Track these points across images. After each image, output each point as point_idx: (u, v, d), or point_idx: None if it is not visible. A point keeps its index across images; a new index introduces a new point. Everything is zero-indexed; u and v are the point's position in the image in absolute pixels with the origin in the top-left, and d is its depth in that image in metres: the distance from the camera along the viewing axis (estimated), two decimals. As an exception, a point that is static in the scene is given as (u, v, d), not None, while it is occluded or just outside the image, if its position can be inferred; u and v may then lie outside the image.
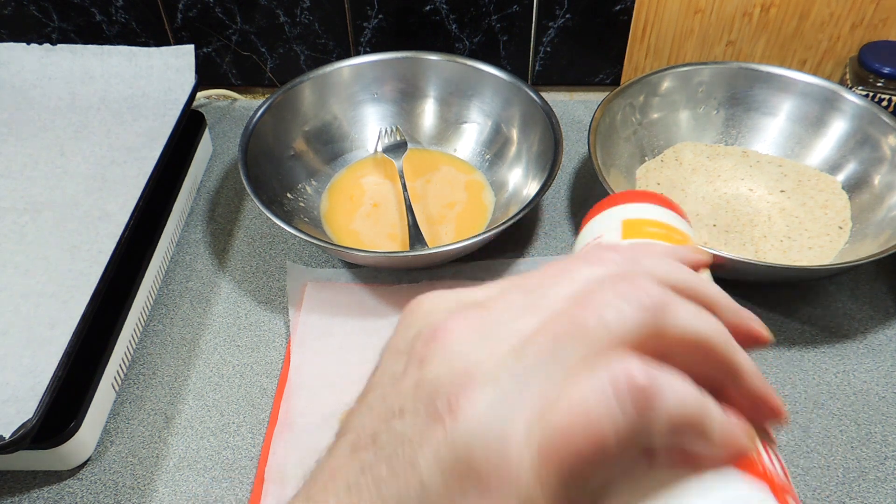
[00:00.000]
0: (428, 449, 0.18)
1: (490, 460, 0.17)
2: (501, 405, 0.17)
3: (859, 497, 0.50)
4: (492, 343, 0.19)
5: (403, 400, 0.19)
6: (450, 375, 0.18)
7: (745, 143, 0.73)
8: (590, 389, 0.17)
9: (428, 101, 0.75)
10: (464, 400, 0.18)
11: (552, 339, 0.18)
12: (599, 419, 0.17)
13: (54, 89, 0.72)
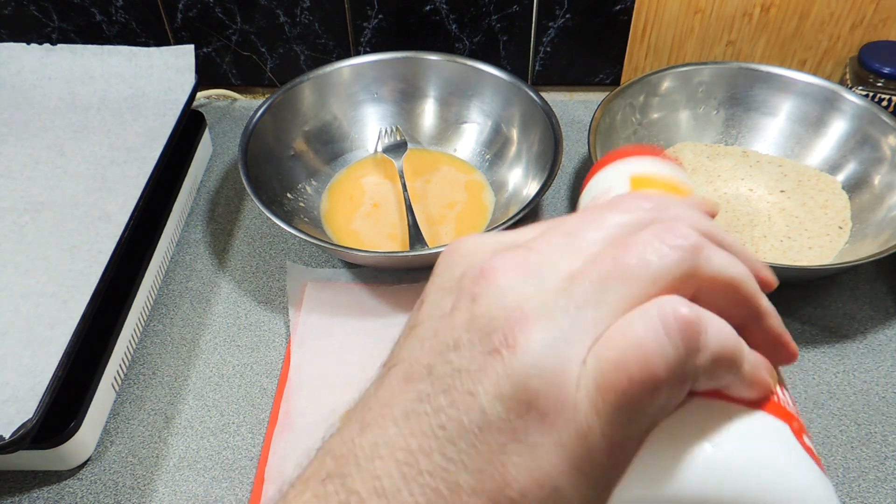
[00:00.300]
0: (487, 380, 0.18)
1: (549, 392, 0.18)
2: (557, 340, 0.18)
3: (859, 497, 0.50)
4: (539, 281, 0.19)
5: (458, 334, 0.19)
6: (503, 310, 0.19)
7: (745, 143, 0.73)
8: (642, 324, 0.18)
9: (428, 101, 0.75)
10: (520, 334, 0.18)
11: (598, 279, 0.19)
12: (652, 351, 0.18)
13: (54, 89, 0.72)
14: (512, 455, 0.18)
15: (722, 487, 0.19)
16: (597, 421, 0.18)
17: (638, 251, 0.19)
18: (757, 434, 0.20)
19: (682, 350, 0.18)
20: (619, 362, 0.18)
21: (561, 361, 0.18)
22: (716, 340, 0.19)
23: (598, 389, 0.18)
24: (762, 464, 0.20)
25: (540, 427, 0.18)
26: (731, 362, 0.19)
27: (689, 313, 0.18)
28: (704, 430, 0.20)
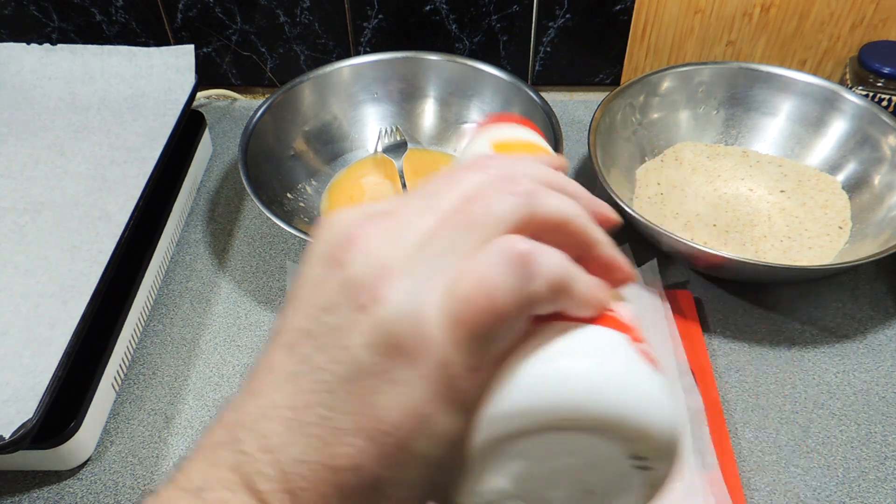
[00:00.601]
0: (357, 333, 0.21)
1: (411, 334, 0.20)
2: (415, 289, 0.21)
3: (859, 497, 0.50)
4: (401, 241, 0.22)
5: (330, 297, 0.22)
6: (369, 270, 0.21)
7: (745, 143, 0.73)
8: (485, 262, 0.21)
9: (428, 101, 0.75)
10: (383, 289, 0.21)
11: (450, 231, 0.22)
12: (495, 283, 0.20)
13: (54, 89, 0.72)
14: (384, 394, 0.20)
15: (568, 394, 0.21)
16: (454, 351, 0.20)
17: (482, 202, 0.22)
18: (595, 344, 0.23)
19: (520, 279, 0.21)
20: (467, 297, 0.20)
21: (419, 306, 0.21)
22: (549, 268, 0.21)
23: (452, 324, 0.20)
24: (601, 369, 0.22)
25: (406, 365, 0.20)
26: (565, 286, 0.22)
27: (524, 247, 0.21)
28: (550, 347, 0.22)
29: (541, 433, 0.22)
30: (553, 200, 0.23)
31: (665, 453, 0.22)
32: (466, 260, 0.21)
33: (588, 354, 0.22)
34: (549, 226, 0.23)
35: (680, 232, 0.65)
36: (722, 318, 0.61)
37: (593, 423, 0.21)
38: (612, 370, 0.22)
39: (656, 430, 0.22)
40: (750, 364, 0.58)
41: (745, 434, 0.53)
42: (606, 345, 0.23)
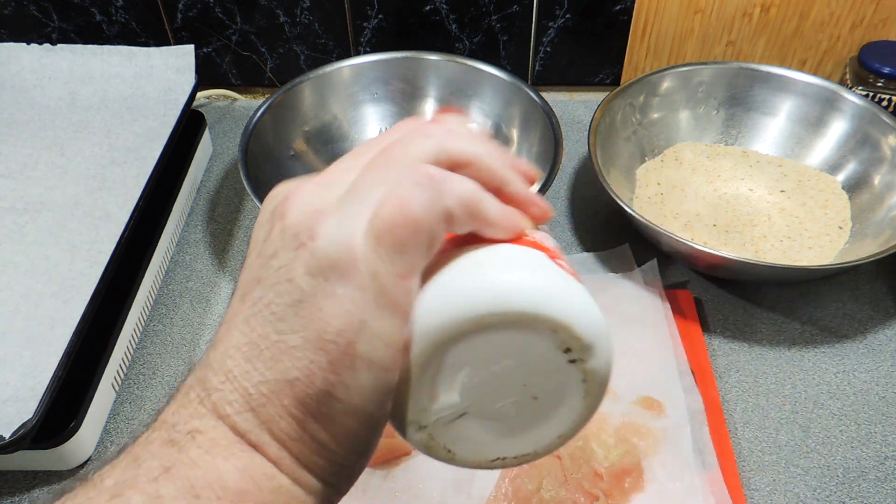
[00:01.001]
0: (299, 266, 0.24)
1: (343, 255, 0.23)
2: (345, 220, 0.24)
3: (859, 497, 0.50)
4: (332, 191, 0.25)
5: (274, 245, 0.25)
6: (305, 215, 0.24)
7: (745, 143, 0.73)
8: (401, 185, 0.24)
9: (428, 101, 0.75)
10: (318, 227, 0.24)
11: (372, 171, 0.25)
12: (409, 200, 0.23)
13: (54, 89, 0.72)
14: (325, 309, 0.23)
15: (491, 292, 0.24)
16: (381, 263, 0.23)
17: (402, 146, 0.25)
18: (512, 253, 0.26)
19: (432, 195, 0.24)
20: (387, 215, 0.23)
21: (349, 233, 0.23)
22: (459, 189, 0.24)
23: (376, 240, 0.23)
24: (519, 269, 0.25)
25: (341, 281, 0.23)
26: (475, 206, 0.25)
27: (435, 171, 0.24)
28: (471, 258, 0.25)
29: (471, 334, 0.24)
30: (463, 144, 0.26)
31: (590, 342, 0.25)
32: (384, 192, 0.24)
33: (507, 260, 0.25)
34: (462, 163, 0.26)
35: (680, 232, 0.65)
36: (722, 318, 0.61)
37: (517, 315, 0.24)
38: (531, 269, 0.25)
39: (576, 318, 0.24)
40: (750, 364, 0.58)
41: (745, 434, 0.53)
42: (524, 255, 0.26)
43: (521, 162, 0.30)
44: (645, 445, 0.51)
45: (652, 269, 0.62)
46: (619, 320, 0.59)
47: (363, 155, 0.26)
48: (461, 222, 0.25)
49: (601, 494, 0.48)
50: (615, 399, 0.53)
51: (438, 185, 0.24)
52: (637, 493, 0.49)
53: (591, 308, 0.25)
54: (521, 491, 0.48)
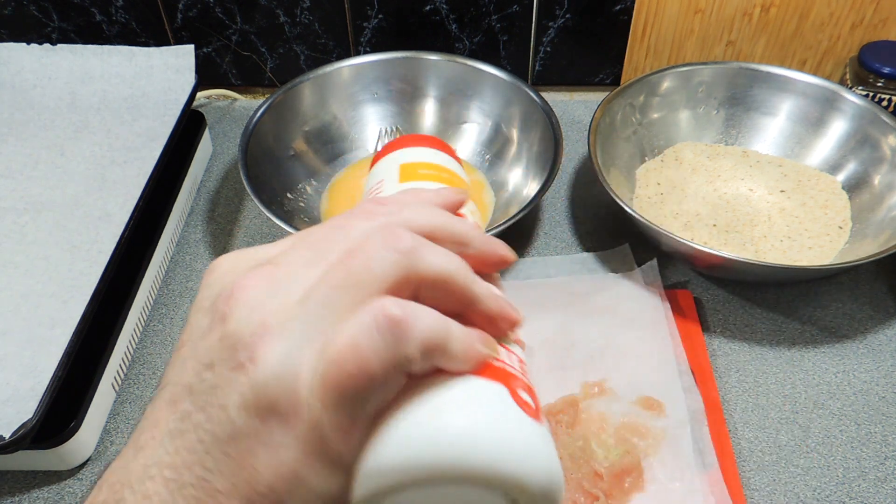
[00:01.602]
0: (234, 393, 0.21)
1: (285, 396, 0.21)
2: (291, 349, 0.21)
3: (859, 497, 0.50)
4: (282, 296, 0.22)
5: (211, 353, 0.22)
6: (248, 328, 0.22)
7: (745, 143, 0.73)
8: (357, 326, 0.21)
9: (428, 101, 0.75)
10: (260, 349, 0.21)
11: (329, 288, 0.22)
12: (365, 348, 0.21)
13: (54, 89, 0.72)
14: (258, 456, 0.21)
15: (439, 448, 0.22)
16: (325, 413, 0.21)
17: (362, 258, 0.22)
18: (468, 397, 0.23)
19: (392, 343, 0.21)
20: (338, 361, 0.21)
21: (294, 368, 0.21)
22: (421, 331, 0.22)
23: (323, 386, 0.21)
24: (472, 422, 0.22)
25: (280, 428, 0.21)
26: (438, 346, 0.22)
27: (397, 311, 0.21)
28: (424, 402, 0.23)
29: (415, 487, 0.22)
30: (435, 258, 0.23)
31: (541, 494, 0.23)
32: (341, 321, 0.22)
33: (460, 408, 0.23)
34: (429, 283, 0.23)
35: (680, 232, 0.65)
36: (722, 318, 0.61)
37: (465, 476, 0.22)
38: (484, 423, 0.22)
39: (530, 479, 0.22)
40: (750, 364, 0.58)
41: (745, 434, 0.53)
42: (480, 398, 0.23)
43: (495, 247, 0.27)
44: (645, 445, 0.51)
45: (652, 269, 0.62)
46: (619, 320, 0.59)
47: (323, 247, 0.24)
48: (420, 364, 0.22)
49: (601, 494, 0.48)
50: (615, 399, 0.53)
51: (400, 330, 0.21)
52: (637, 493, 0.49)
53: (549, 461, 0.23)
54: (521, 491, 0.48)
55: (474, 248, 0.26)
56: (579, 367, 0.56)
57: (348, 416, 0.21)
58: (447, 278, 0.23)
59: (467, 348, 0.23)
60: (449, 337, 0.22)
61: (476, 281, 0.24)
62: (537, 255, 0.66)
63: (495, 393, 0.24)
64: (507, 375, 0.24)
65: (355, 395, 0.21)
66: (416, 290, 0.23)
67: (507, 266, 0.28)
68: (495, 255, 0.27)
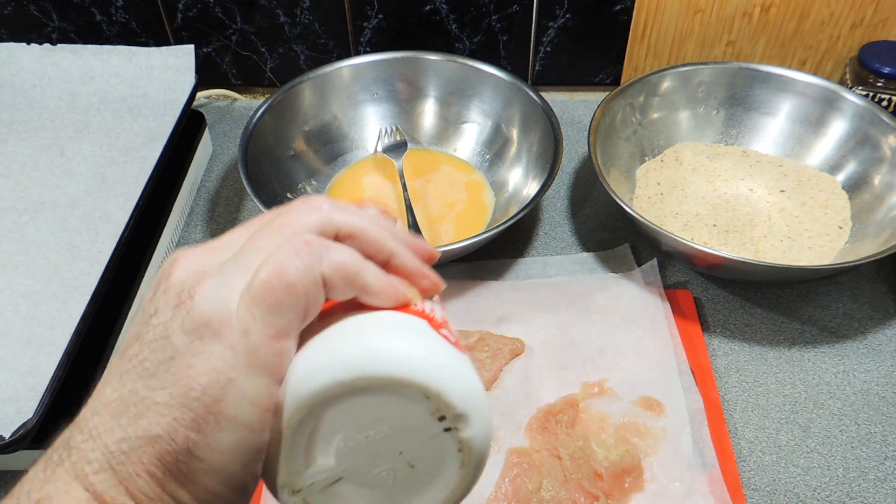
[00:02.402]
0: (175, 323, 0.24)
1: (218, 315, 0.24)
2: (224, 282, 0.24)
3: (859, 497, 0.50)
4: (219, 255, 0.26)
5: (156, 303, 0.25)
6: (188, 275, 0.25)
7: (745, 143, 0.73)
8: (281, 252, 0.24)
9: (428, 101, 0.75)
10: (198, 286, 0.24)
11: (258, 238, 0.25)
12: (285, 264, 0.24)
13: (54, 89, 0.72)
14: (195, 366, 0.23)
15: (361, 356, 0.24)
16: (254, 322, 0.24)
17: (289, 216, 0.26)
18: (390, 324, 0.26)
19: (309, 260, 0.24)
20: (264, 277, 0.24)
21: (225, 294, 0.24)
22: (337, 257, 0.25)
23: (251, 300, 0.24)
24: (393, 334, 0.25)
25: (214, 339, 0.23)
26: (354, 273, 0.25)
27: (315, 239, 0.25)
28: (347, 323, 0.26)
29: (344, 398, 0.24)
30: (348, 215, 0.27)
31: (464, 411, 0.24)
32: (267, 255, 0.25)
33: (383, 326, 0.26)
34: (346, 233, 0.26)
35: (680, 232, 0.65)
36: (722, 318, 0.61)
37: (387, 380, 0.24)
38: (407, 336, 0.25)
39: (450, 386, 0.24)
40: (750, 364, 0.58)
41: (745, 434, 0.53)
42: (404, 322, 0.26)
43: (418, 241, 0.30)
44: (645, 445, 0.51)
45: (652, 269, 0.62)
46: (619, 320, 0.59)
47: (254, 225, 0.27)
48: (339, 289, 0.25)
49: (601, 494, 0.48)
50: (615, 399, 0.53)
51: (316, 251, 0.24)
52: (637, 493, 0.49)
53: (469, 378, 0.25)
54: (521, 491, 0.48)
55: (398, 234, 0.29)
56: (579, 367, 0.56)
57: (274, 323, 0.24)
58: (364, 231, 0.27)
59: (385, 282, 0.26)
60: (366, 269, 0.26)
61: (393, 240, 0.28)
62: (537, 255, 0.66)
63: (419, 323, 0.26)
64: (427, 316, 0.27)
65: (279, 304, 0.24)
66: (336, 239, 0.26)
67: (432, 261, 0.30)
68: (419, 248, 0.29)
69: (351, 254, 0.26)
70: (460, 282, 0.62)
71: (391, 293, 0.27)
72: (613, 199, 0.59)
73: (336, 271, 0.25)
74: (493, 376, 0.55)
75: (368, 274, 0.26)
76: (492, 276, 0.64)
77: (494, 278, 0.64)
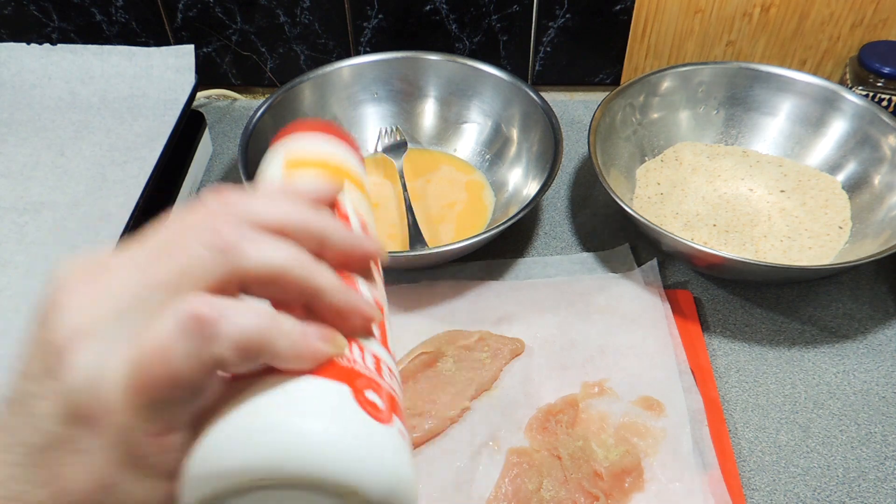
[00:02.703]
0: (45, 401, 0.21)
1: (93, 402, 0.20)
2: (99, 354, 0.20)
3: (859, 497, 0.50)
4: (101, 298, 0.21)
5: (29, 361, 0.22)
6: (62, 332, 0.21)
7: (745, 143, 0.73)
8: (162, 327, 0.20)
9: (428, 101, 0.75)
10: (69, 355, 0.20)
11: (142, 287, 0.21)
12: (169, 349, 0.20)
13: (54, 89, 0.72)
14: (70, 465, 0.20)
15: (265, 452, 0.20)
16: (134, 418, 0.20)
17: (177, 257, 0.21)
18: (302, 397, 0.22)
19: (197, 343, 0.20)
20: (143, 364, 0.20)
21: (102, 372, 0.20)
22: (235, 330, 0.20)
23: (130, 390, 0.20)
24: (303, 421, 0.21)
25: (90, 434, 0.20)
26: (259, 345, 0.21)
27: (204, 310, 0.20)
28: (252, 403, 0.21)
29: (243, 493, 0.21)
30: (262, 252, 0.22)
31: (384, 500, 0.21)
32: (153, 321, 0.21)
33: (290, 407, 0.21)
34: (255, 278, 0.22)
35: (680, 232, 0.65)
36: (722, 318, 0.61)
37: (294, 479, 0.20)
38: (315, 422, 0.21)
39: (366, 484, 0.21)
40: (750, 364, 0.58)
41: (745, 434, 0.53)
42: (314, 398, 0.22)
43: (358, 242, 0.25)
44: (645, 445, 0.51)
45: (652, 269, 0.62)
46: (619, 320, 0.59)
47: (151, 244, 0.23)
48: (240, 366, 0.21)
49: (601, 494, 0.48)
50: (615, 399, 0.53)
51: (207, 330, 0.20)
52: (637, 493, 0.49)
53: (388, 464, 0.22)
54: (521, 491, 0.48)
55: (333, 243, 0.24)
56: (579, 367, 0.56)
57: (158, 420, 0.20)
58: (277, 272, 0.22)
59: (300, 345, 0.22)
60: (273, 335, 0.21)
61: (318, 273, 0.23)
62: (537, 255, 0.66)
63: (334, 393, 0.22)
64: (352, 374, 0.23)
65: (163, 399, 0.20)
66: (244, 285, 0.22)
67: (375, 261, 0.26)
68: (359, 249, 0.25)
69: (255, 321, 0.21)
70: (460, 282, 0.62)
71: (308, 357, 0.22)
72: (613, 199, 0.59)
73: (235, 349, 0.20)
74: (493, 376, 0.55)
75: (278, 341, 0.21)
76: (492, 276, 0.64)
77: (494, 278, 0.64)
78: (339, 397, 0.22)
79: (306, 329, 0.22)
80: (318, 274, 0.23)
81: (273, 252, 0.22)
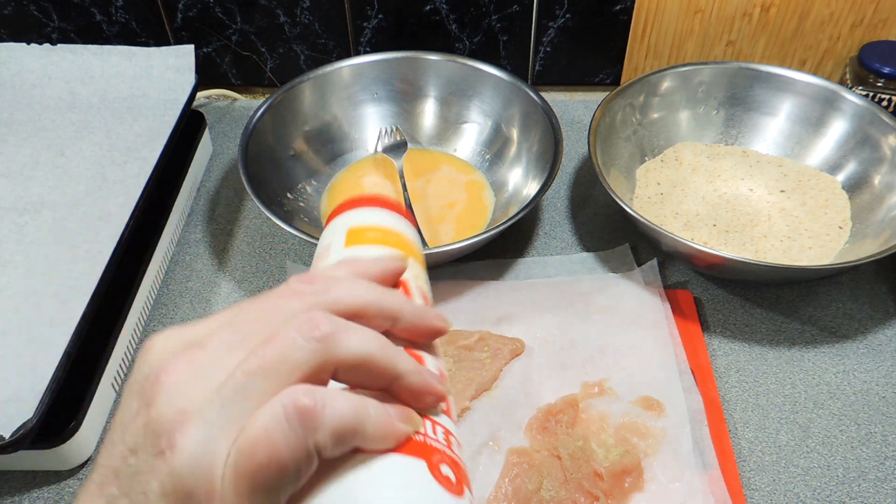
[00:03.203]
0: (155, 481, 0.22)
1: (201, 485, 0.21)
2: (207, 438, 0.22)
3: (859, 497, 0.50)
4: (203, 381, 0.23)
5: (136, 438, 0.23)
6: (170, 414, 0.22)
7: (745, 143, 0.73)
8: (268, 416, 0.21)
9: (428, 101, 0.75)
10: (179, 436, 0.22)
11: (245, 376, 0.22)
12: (275, 438, 0.21)
13: (54, 89, 0.72)
14: None
15: None
16: (237, 501, 0.21)
17: (278, 346, 0.23)
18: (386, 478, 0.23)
19: (301, 433, 0.21)
20: (249, 451, 0.21)
21: (209, 457, 0.21)
22: (333, 418, 0.22)
23: (236, 476, 0.21)
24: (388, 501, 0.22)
25: None
26: (353, 431, 0.22)
27: (306, 401, 0.22)
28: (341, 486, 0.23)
29: None
30: (353, 342, 0.24)
31: None
32: (256, 409, 0.22)
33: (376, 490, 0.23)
34: (347, 367, 0.24)
35: (680, 232, 0.65)
36: (722, 318, 0.61)
37: None
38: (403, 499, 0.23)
39: None
40: (750, 364, 0.58)
41: (745, 434, 0.53)
42: (397, 477, 0.23)
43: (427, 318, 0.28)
44: (645, 445, 0.51)
45: (652, 269, 0.62)
46: (619, 320, 0.59)
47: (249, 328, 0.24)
48: (335, 449, 0.23)
49: (601, 494, 0.48)
50: (615, 399, 0.53)
51: (310, 420, 0.22)
52: (637, 493, 0.49)
53: None
54: (521, 491, 0.48)
55: (405, 321, 0.27)
56: (579, 367, 0.56)
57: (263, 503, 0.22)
58: (366, 360, 0.24)
59: (385, 428, 0.23)
60: (364, 420, 0.23)
61: (399, 358, 0.25)
62: (537, 255, 0.66)
63: (414, 470, 0.24)
64: (428, 450, 0.25)
65: (267, 485, 0.21)
66: (336, 372, 0.24)
67: (441, 335, 0.28)
68: (428, 326, 0.28)
69: (349, 408, 0.23)
70: (460, 282, 0.62)
71: (391, 438, 0.24)
72: (613, 199, 0.59)
73: (334, 437, 0.22)
74: (493, 376, 0.55)
75: (367, 426, 0.23)
76: (492, 276, 0.64)
77: (494, 278, 0.64)
78: (419, 473, 0.24)
79: (389, 411, 0.24)
80: (399, 359, 0.25)
81: (364, 343, 0.24)
